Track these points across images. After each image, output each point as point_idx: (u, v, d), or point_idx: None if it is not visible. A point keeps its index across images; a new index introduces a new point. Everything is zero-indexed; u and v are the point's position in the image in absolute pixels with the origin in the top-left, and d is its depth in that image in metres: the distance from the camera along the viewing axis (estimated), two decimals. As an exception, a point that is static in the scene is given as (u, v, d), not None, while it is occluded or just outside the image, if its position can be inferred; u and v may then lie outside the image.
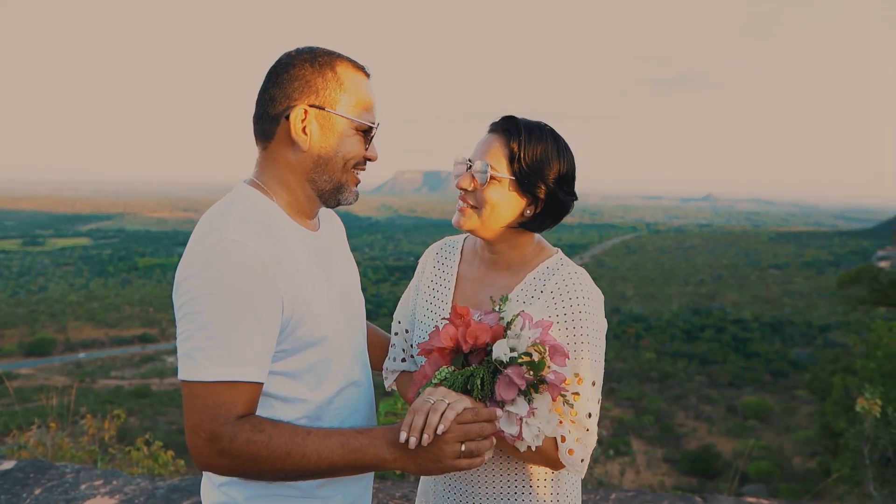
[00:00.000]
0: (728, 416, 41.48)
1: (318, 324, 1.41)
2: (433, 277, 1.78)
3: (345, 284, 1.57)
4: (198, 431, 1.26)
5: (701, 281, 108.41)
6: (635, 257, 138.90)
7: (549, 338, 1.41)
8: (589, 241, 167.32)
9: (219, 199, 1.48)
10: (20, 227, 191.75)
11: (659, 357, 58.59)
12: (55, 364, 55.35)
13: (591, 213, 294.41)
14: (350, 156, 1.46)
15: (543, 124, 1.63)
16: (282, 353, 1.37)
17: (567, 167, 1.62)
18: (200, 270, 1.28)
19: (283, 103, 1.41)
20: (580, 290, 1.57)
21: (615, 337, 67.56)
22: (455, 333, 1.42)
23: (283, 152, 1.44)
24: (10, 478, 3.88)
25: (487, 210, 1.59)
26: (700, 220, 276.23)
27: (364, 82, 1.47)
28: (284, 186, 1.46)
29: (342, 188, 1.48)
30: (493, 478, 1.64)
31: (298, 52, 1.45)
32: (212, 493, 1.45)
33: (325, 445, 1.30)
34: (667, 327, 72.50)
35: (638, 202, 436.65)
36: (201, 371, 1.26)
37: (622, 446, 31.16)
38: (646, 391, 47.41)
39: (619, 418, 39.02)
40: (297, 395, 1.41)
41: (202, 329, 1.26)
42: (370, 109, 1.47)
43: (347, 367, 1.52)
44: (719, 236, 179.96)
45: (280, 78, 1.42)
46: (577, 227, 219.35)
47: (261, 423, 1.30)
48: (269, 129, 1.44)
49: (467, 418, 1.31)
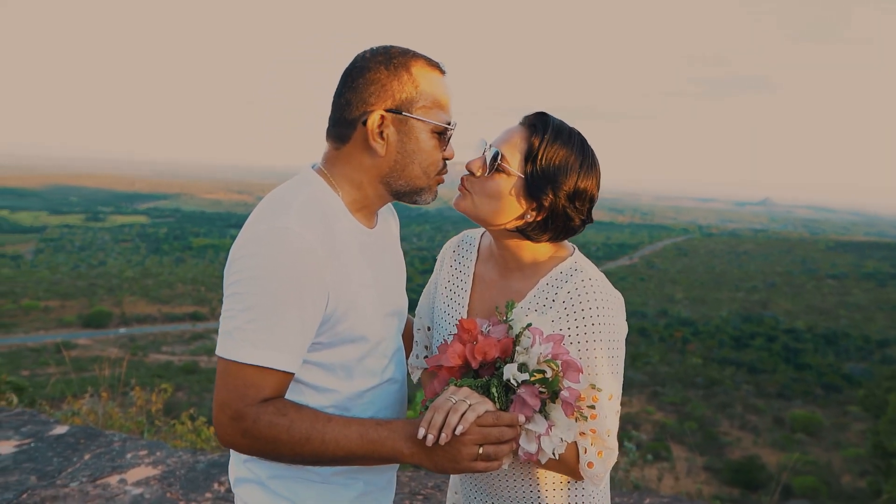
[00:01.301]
0: (775, 428, 40.35)
1: (359, 322, 1.41)
2: (450, 277, 1.72)
3: (390, 283, 1.56)
4: (224, 409, 1.29)
5: (753, 287, 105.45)
6: (686, 260, 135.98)
7: (561, 351, 1.35)
8: (639, 242, 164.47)
9: (272, 184, 1.47)
10: (83, 203, 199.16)
11: (705, 363, 57.33)
12: (110, 336, 57.48)
13: (643, 212, 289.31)
14: (428, 162, 1.44)
15: (576, 131, 1.51)
16: (318, 345, 1.38)
17: (587, 184, 1.50)
18: (255, 253, 1.29)
19: (359, 108, 1.39)
20: (595, 299, 1.47)
21: (661, 339, 66.38)
22: (462, 351, 1.38)
23: (359, 155, 1.43)
24: (63, 442, 4.05)
25: (484, 201, 1.50)
26: (755, 225, 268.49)
27: (440, 80, 1.44)
28: (355, 186, 1.45)
29: (420, 191, 1.47)
30: (518, 480, 1.62)
31: (373, 53, 1.41)
32: (238, 469, 1.49)
33: (343, 434, 1.31)
34: (715, 333, 70.79)
35: (691, 204, 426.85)
36: (238, 351, 1.28)
37: (662, 451, 30.61)
38: (690, 397, 46.46)
39: (661, 422, 38.39)
40: (327, 386, 1.42)
41: (247, 311, 1.28)
42: (446, 108, 1.45)
43: (383, 365, 1.52)
44: (775, 242, 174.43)
45: (356, 82, 1.39)
46: (627, 226, 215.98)
47: (284, 407, 1.31)
48: (345, 133, 1.42)
49: (488, 421, 1.29)
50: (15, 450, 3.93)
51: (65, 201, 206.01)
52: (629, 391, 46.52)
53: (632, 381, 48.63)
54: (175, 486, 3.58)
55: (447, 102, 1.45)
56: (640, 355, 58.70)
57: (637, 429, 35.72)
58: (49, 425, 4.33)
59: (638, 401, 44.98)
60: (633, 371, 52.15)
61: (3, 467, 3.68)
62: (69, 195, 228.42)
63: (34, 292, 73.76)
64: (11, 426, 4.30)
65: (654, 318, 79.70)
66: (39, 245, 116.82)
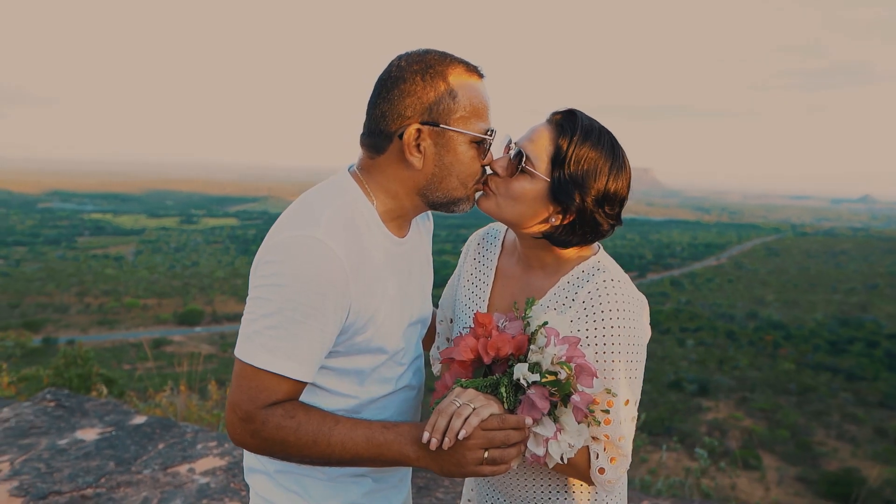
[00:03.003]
0: (876, 439, 37.89)
1: (378, 334, 1.40)
2: (473, 270, 1.68)
3: (415, 292, 1.54)
4: (235, 409, 1.31)
5: (852, 290, 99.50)
6: (777, 260, 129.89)
7: (577, 354, 1.29)
8: (727, 242, 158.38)
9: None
10: (178, 207, 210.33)
11: (799, 368, 54.59)
12: (202, 334, 60.38)
13: (731, 211, 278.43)
14: (466, 173, 1.40)
15: (606, 130, 1.43)
16: (334, 352, 1.38)
17: (617, 186, 1.42)
18: (281, 260, 1.28)
19: (395, 122, 1.35)
20: (615, 300, 1.40)
21: (750, 343, 63.70)
22: (475, 345, 1.34)
23: (395, 167, 1.39)
24: (140, 431, 4.26)
25: (508, 203, 1.44)
26: (854, 224, 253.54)
27: (478, 86, 1.39)
28: (391, 196, 1.42)
29: (458, 202, 1.44)
30: (532, 480, 1.57)
31: (409, 61, 1.36)
32: (249, 458, 1.53)
33: (350, 437, 1.31)
34: (809, 337, 67.27)
35: (783, 202, 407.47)
36: (255, 355, 1.28)
37: (751, 459, 29.43)
38: (782, 403, 44.34)
39: (751, 429, 36.83)
40: (340, 390, 1.42)
41: (267, 317, 1.28)
42: (485, 116, 1.40)
43: (398, 373, 1.50)
44: (876, 242, 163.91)
45: (391, 93, 1.35)
46: (714, 225, 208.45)
47: (293, 409, 1.31)
48: (380, 144, 1.39)
49: (493, 425, 1.26)
50: (98, 437, 4.16)
51: (161, 205, 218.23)
52: (715, 395, 44.89)
53: (718, 386, 46.95)
54: (239, 477, 3.70)
55: (486, 109, 1.40)
56: (727, 359, 56.57)
57: (724, 435, 34.46)
58: (130, 415, 4.57)
59: (725, 406, 43.35)
60: (720, 375, 50.35)
61: (86, 453, 3.91)
62: (165, 199, 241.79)
63: (134, 291, 78.57)
64: (97, 415, 4.56)
65: (743, 320, 76.56)
66: (139, 246, 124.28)
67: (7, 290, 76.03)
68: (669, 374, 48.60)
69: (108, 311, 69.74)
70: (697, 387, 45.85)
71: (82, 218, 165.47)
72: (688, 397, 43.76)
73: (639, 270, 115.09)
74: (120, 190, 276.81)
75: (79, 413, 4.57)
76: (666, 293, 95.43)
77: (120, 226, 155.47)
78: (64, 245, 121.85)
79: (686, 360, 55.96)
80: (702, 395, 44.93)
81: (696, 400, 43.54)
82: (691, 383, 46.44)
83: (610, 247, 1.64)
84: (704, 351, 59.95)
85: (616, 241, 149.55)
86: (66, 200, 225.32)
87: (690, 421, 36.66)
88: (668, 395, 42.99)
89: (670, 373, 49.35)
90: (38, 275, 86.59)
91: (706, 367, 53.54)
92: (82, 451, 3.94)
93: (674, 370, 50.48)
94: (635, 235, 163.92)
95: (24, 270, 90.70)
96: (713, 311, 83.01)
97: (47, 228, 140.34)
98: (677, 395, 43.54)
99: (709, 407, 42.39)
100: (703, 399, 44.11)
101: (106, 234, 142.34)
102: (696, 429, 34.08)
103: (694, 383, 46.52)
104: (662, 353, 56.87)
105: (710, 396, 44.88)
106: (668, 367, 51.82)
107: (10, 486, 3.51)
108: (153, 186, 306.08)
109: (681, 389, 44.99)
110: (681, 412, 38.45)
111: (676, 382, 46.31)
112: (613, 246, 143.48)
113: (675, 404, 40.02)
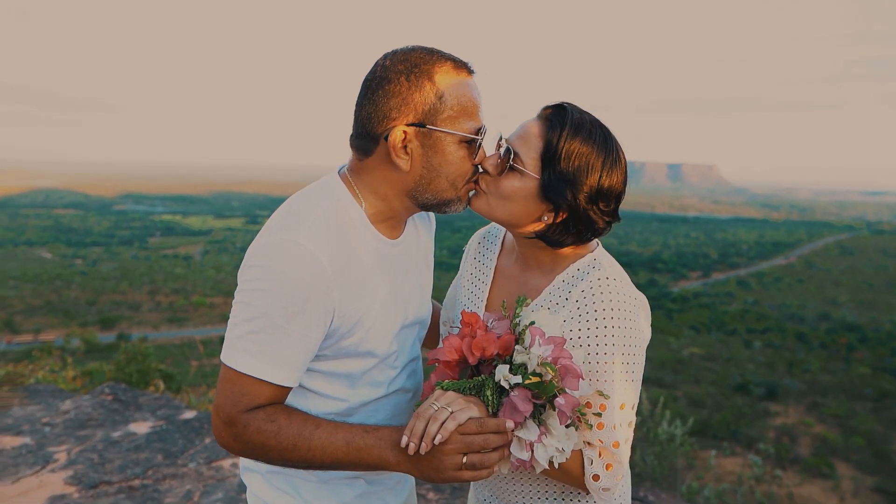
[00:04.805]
0: (962, 449, 35.71)
1: (367, 338, 1.37)
2: (473, 269, 1.65)
3: (411, 294, 1.50)
4: (219, 413, 1.30)
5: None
6: (851, 259, 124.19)
7: (563, 354, 1.23)
8: (796, 240, 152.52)
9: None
10: (243, 208, 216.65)
11: (875, 372, 51.89)
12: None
13: (800, 208, 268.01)
14: (456, 174, 1.36)
15: (598, 122, 1.37)
16: (322, 356, 1.36)
17: (612, 181, 1.36)
18: (263, 264, 1.27)
19: (381, 124, 1.31)
20: (610, 299, 1.34)
21: (821, 346, 61.13)
22: (460, 345, 1.29)
23: (383, 169, 1.36)
24: (189, 426, 4.37)
25: (499, 201, 1.39)
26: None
27: (466, 84, 1.34)
28: (380, 198, 1.39)
29: (448, 203, 1.40)
30: (528, 485, 1.51)
31: (394, 61, 1.32)
32: (243, 458, 1.51)
33: (330, 441, 1.28)
34: (887, 340, 63.93)
35: (856, 198, 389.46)
36: (238, 360, 1.27)
37: (824, 468, 28.14)
38: (857, 410, 42.25)
39: (823, 436, 35.28)
40: (331, 393, 1.40)
41: (250, 322, 1.26)
42: (475, 114, 1.35)
43: (391, 376, 1.47)
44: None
45: (375, 95, 1.31)
46: (782, 223, 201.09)
47: (274, 413, 1.30)
48: (367, 146, 1.36)
49: (471, 429, 1.21)
50: (149, 430, 4.29)
51: (227, 206, 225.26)
52: (784, 399, 43.20)
53: (788, 390, 45.17)
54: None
55: (476, 107, 1.35)
56: (797, 362, 54.36)
57: (794, 442, 33.04)
58: (181, 410, 4.69)
59: (795, 411, 41.64)
60: (790, 378, 48.44)
61: (137, 445, 4.03)
62: (231, 201, 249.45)
63: (202, 290, 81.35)
64: (150, 409, 4.71)
65: (814, 322, 73.55)
66: (206, 246, 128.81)
67: (85, 288, 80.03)
68: (735, 377, 47.03)
69: (178, 309, 72.44)
70: (765, 390, 44.19)
71: (153, 219, 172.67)
72: (755, 401, 42.24)
73: (703, 270, 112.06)
74: (188, 192, 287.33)
75: (133, 407, 4.73)
76: (732, 293, 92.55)
77: (188, 226, 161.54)
78: (136, 245, 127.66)
79: (753, 362, 54.05)
80: (770, 399, 43.31)
81: (764, 404, 42.00)
82: (758, 386, 44.80)
83: (674, 246, 1.55)
84: (773, 353, 57.80)
85: (679, 239, 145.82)
86: (138, 203, 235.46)
87: (757, 426, 35.39)
88: (734, 398, 41.62)
89: (736, 374, 47.77)
90: (113, 274, 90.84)
91: (774, 370, 51.57)
92: (133, 444, 4.06)
93: (740, 372, 48.82)
94: (700, 234, 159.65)
95: (100, 270, 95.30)
96: (782, 311, 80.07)
97: (121, 230, 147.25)
98: (743, 398, 42.08)
99: (777, 412, 40.81)
100: (772, 403, 42.53)
101: (175, 234, 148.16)
102: (765, 433, 32.90)
103: (761, 386, 44.84)
104: (728, 355, 55.16)
105: (779, 401, 43.21)
106: (733, 368, 50.21)
107: (65, 475, 3.65)
108: (220, 188, 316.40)
109: (747, 392, 43.45)
110: (747, 416, 37.16)
111: (742, 385, 44.75)
112: (677, 245, 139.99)
113: (740, 408, 38.69)
